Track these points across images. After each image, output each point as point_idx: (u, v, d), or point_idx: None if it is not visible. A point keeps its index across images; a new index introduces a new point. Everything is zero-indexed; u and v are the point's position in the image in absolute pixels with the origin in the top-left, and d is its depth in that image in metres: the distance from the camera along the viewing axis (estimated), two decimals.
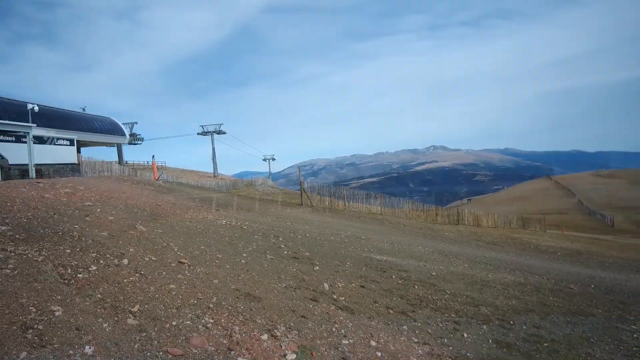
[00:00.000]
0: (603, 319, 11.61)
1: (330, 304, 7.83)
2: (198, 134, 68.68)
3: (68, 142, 31.09)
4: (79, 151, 33.36)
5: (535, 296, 12.86)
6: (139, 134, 60.12)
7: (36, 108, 29.55)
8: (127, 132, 47.46)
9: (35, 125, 26.33)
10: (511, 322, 9.95)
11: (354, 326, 6.92)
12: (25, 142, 24.89)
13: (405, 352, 6.64)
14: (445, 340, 7.92)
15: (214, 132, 67.27)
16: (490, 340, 8.48)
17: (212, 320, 5.08)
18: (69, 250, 6.23)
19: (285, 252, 11.12)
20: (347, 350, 5.84)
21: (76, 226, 7.76)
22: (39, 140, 28.60)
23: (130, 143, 53.41)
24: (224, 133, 68.03)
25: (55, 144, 30.07)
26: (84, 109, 42.90)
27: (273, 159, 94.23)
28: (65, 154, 30.68)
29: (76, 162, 31.27)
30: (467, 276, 14.07)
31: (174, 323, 4.72)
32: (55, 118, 36.53)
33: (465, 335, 8.44)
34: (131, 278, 5.68)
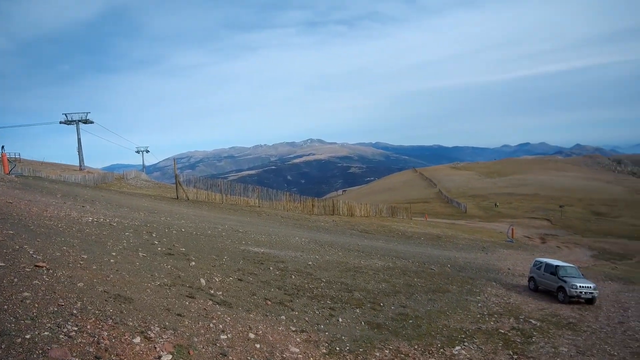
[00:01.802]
0: (457, 293, 13.29)
1: (208, 299, 7.71)
2: (61, 122, 61.27)
3: None
4: None
5: (402, 278, 14.15)
6: None
7: None
8: None
9: None
10: (381, 304, 10.84)
11: (232, 320, 6.91)
12: None
13: (284, 342, 6.84)
14: (322, 326, 8.34)
15: (79, 121, 60.59)
16: (363, 323, 9.16)
17: (75, 328, 4.65)
18: None
19: (159, 249, 10.62)
20: (226, 345, 5.82)
21: None
22: None
23: None
24: (92, 122, 61.73)
25: None
26: None
27: (147, 151, 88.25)
28: None
29: None
30: (342, 264, 14.90)
31: (27, 336, 4.20)
32: None
33: (340, 319, 8.99)
34: None
